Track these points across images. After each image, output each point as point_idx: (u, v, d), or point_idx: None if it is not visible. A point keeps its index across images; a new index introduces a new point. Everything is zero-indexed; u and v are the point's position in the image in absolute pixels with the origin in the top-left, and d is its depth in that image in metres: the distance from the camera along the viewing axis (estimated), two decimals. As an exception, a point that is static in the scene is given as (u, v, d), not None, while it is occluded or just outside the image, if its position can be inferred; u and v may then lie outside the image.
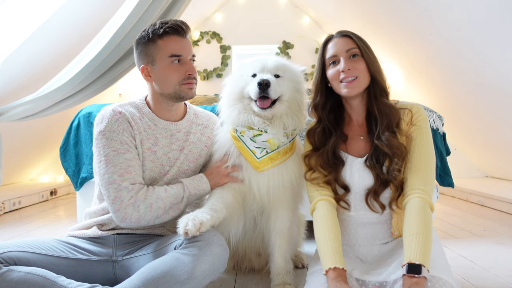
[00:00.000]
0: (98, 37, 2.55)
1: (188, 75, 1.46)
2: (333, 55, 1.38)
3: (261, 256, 1.76)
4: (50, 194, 3.95)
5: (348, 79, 1.34)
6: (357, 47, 1.36)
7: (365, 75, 1.36)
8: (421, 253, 1.13)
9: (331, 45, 1.40)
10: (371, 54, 1.37)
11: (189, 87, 1.48)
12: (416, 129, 1.34)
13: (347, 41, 1.38)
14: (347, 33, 1.39)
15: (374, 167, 1.33)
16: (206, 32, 5.67)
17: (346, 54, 1.36)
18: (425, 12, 3.55)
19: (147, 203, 1.36)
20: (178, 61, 1.45)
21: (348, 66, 1.34)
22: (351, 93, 1.36)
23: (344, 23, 5.23)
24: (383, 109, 1.36)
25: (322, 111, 1.45)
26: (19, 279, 1.14)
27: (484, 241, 2.37)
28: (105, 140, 1.39)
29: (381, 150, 1.32)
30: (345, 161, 1.39)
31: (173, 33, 1.44)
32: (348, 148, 1.42)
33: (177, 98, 1.49)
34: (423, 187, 1.26)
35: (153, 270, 1.18)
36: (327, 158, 1.39)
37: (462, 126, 4.22)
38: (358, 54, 1.36)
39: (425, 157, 1.31)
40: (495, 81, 3.32)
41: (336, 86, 1.39)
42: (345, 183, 1.38)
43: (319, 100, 1.45)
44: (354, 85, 1.34)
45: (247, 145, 1.50)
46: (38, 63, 3.23)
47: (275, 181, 1.50)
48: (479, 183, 4.07)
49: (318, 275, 1.29)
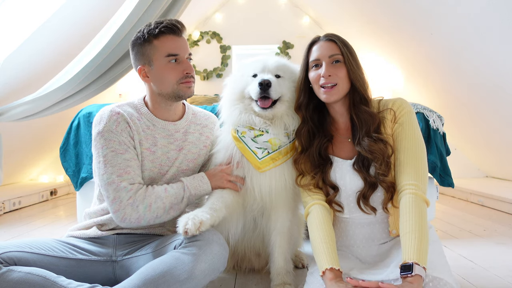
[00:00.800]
0: (98, 37, 2.56)
1: (186, 73, 1.46)
2: (316, 58, 1.39)
3: (261, 256, 1.76)
4: (50, 194, 3.95)
5: (328, 85, 1.34)
6: (341, 54, 1.36)
7: (344, 82, 1.36)
8: (415, 251, 1.13)
9: (316, 48, 1.41)
10: (354, 61, 1.37)
11: (187, 85, 1.48)
12: (399, 126, 1.34)
13: (331, 46, 1.37)
14: (333, 38, 1.39)
15: (361, 170, 1.33)
16: (206, 32, 5.67)
17: (329, 59, 1.36)
18: (425, 12, 3.55)
19: (146, 203, 1.36)
20: (175, 60, 1.45)
21: (329, 72, 1.34)
22: (329, 100, 1.36)
23: (344, 23, 5.24)
24: (361, 116, 1.36)
25: (305, 111, 1.45)
26: (19, 279, 1.14)
27: (484, 241, 2.37)
28: (103, 141, 1.39)
29: (364, 156, 1.32)
30: (334, 163, 1.40)
31: (169, 33, 1.44)
32: (336, 151, 1.43)
33: (176, 97, 1.49)
34: (414, 182, 1.25)
35: (153, 270, 1.18)
36: (313, 159, 1.40)
37: (462, 126, 4.22)
38: (341, 60, 1.36)
39: (412, 151, 1.30)
40: (495, 81, 3.32)
41: (317, 89, 1.39)
42: (333, 183, 1.39)
43: (302, 100, 1.45)
44: (333, 92, 1.35)
45: (248, 145, 1.50)
46: (38, 63, 3.23)
47: (277, 181, 1.50)
48: (479, 183, 4.07)
49: (318, 275, 1.29)
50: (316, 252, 1.28)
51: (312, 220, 1.35)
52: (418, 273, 1.09)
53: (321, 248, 1.26)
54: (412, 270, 1.09)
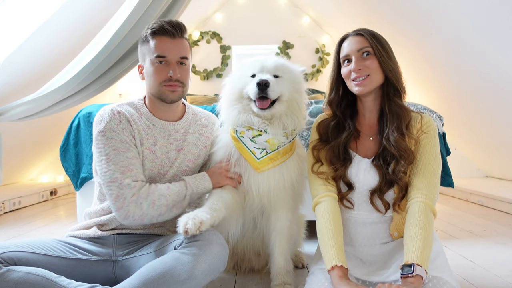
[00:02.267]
0: (98, 37, 2.55)
1: (169, 77, 1.44)
2: (346, 54, 1.40)
3: (261, 256, 1.76)
4: (50, 194, 3.95)
5: (359, 78, 1.35)
6: (370, 46, 1.36)
7: (377, 73, 1.36)
8: (419, 254, 1.13)
9: (346, 44, 1.41)
10: (384, 52, 1.36)
11: (171, 89, 1.46)
12: (426, 137, 1.35)
13: (360, 39, 1.38)
14: (361, 32, 1.39)
15: (381, 166, 1.33)
16: (206, 32, 5.67)
17: (358, 53, 1.37)
18: (425, 12, 3.55)
19: (150, 200, 1.35)
20: (162, 62, 1.44)
21: (359, 66, 1.35)
22: (362, 91, 1.36)
23: (344, 23, 5.23)
24: (394, 109, 1.36)
25: (337, 108, 1.46)
26: (19, 279, 1.14)
27: (484, 241, 2.37)
28: (105, 140, 1.39)
29: (388, 151, 1.32)
30: (352, 159, 1.40)
31: (162, 34, 1.44)
32: (355, 148, 1.43)
33: (160, 99, 1.48)
34: (427, 193, 1.27)
35: (153, 270, 1.18)
36: (338, 152, 1.40)
37: (462, 126, 4.22)
38: (371, 52, 1.36)
39: (432, 165, 1.31)
40: (495, 81, 3.32)
41: (349, 84, 1.40)
42: (350, 181, 1.38)
43: (333, 97, 1.47)
44: (365, 83, 1.35)
45: (247, 145, 1.50)
46: (38, 63, 3.23)
47: (275, 182, 1.50)
48: (479, 183, 4.07)
49: (318, 275, 1.29)
50: (325, 246, 1.27)
51: (323, 211, 1.34)
52: (419, 273, 1.09)
53: (331, 243, 1.26)
54: (413, 270, 1.09)
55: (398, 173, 1.30)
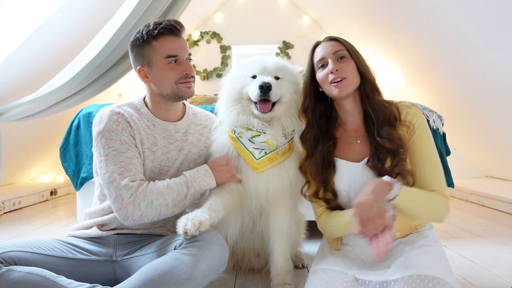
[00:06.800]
0: (98, 37, 2.55)
1: (186, 74, 1.46)
2: (321, 58, 1.40)
3: (260, 256, 1.76)
4: (50, 194, 3.95)
5: (337, 79, 1.35)
6: (345, 49, 1.38)
7: (354, 75, 1.37)
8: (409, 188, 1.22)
9: (319, 49, 1.42)
10: (359, 54, 1.40)
11: (187, 85, 1.48)
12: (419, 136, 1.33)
13: (334, 44, 1.40)
14: (334, 37, 1.42)
15: (376, 166, 1.33)
16: (206, 32, 5.67)
17: (334, 56, 1.38)
18: (425, 12, 3.55)
19: (148, 200, 1.35)
20: (175, 61, 1.45)
21: (336, 67, 1.35)
22: (342, 93, 1.36)
23: (344, 23, 5.24)
24: (377, 106, 1.36)
25: (312, 115, 1.45)
26: (19, 279, 1.14)
27: (484, 241, 2.37)
28: (104, 140, 1.39)
29: (382, 148, 1.31)
30: (338, 167, 1.39)
31: (168, 34, 1.44)
32: (343, 154, 1.42)
33: (176, 98, 1.48)
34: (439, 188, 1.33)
35: (153, 270, 1.18)
36: (317, 163, 1.40)
37: (462, 126, 4.22)
38: (346, 56, 1.38)
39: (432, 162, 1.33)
40: (495, 81, 3.32)
41: (327, 88, 1.39)
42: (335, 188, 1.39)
43: (308, 103, 1.45)
44: (344, 85, 1.35)
45: (245, 146, 1.50)
46: (38, 63, 3.23)
47: (274, 182, 1.50)
48: (479, 183, 4.07)
49: (319, 275, 1.29)
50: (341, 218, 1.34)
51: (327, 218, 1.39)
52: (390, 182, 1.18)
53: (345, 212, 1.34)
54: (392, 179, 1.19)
55: (398, 165, 1.29)
